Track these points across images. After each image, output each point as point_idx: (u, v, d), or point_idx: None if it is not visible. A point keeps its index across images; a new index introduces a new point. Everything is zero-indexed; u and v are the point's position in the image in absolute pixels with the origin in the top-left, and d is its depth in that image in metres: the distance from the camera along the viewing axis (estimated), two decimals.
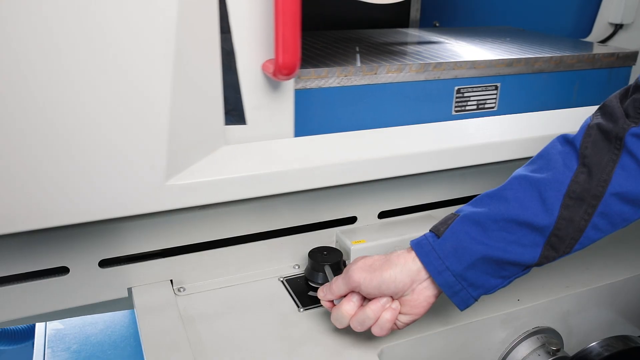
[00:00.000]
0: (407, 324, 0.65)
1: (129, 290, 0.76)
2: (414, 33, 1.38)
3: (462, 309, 0.63)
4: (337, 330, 0.70)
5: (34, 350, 1.01)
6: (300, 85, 0.84)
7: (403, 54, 1.02)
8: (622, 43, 1.65)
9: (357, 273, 0.63)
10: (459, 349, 0.76)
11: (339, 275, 0.66)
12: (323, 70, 0.86)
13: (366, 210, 0.87)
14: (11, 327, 1.28)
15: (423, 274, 0.62)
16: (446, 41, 1.16)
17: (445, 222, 0.63)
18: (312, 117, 0.87)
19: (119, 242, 0.73)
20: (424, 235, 0.64)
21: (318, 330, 0.71)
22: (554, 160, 0.61)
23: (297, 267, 0.85)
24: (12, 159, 0.57)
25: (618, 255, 0.91)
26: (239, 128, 0.75)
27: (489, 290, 0.62)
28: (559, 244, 0.60)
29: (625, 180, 0.58)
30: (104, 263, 0.74)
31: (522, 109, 1.01)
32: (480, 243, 0.60)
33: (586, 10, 1.60)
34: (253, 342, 0.69)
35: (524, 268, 0.61)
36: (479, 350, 0.77)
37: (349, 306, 0.64)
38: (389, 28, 1.47)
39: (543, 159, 0.63)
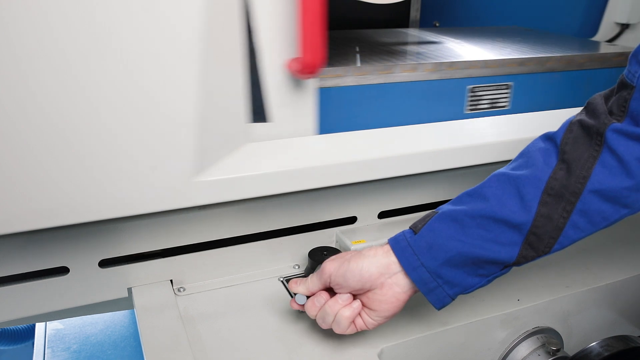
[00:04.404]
0: (377, 324, 0.64)
1: (129, 290, 0.76)
2: (414, 33, 1.38)
3: (438, 308, 0.63)
4: None
5: (34, 350, 1.00)
6: (318, 84, 0.84)
7: (404, 53, 1.02)
8: (628, 43, 1.64)
9: (329, 263, 0.64)
10: (459, 349, 0.76)
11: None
12: (339, 69, 0.86)
13: (366, 210, 0.88)
14: (11, 327, 1.28)
15: (394, 267, 0.62)
16: (451, 40, 1.16)
17: (424, 220, 0.62)
18: (329, 116, 0.87)
19: (119, 242, 0.73)
20: (402, 232, 0.63)
21: (318, 330, 0.71)
22: (534, 157, 0.61)
23: (297, 267, 0.85)
24: (13, 159, 0.57)
25: (618, 255, 0.91)
26: (263, 126, 0.76)
27: (467, 289, 0.61)
28: (537, 242, 0.59)
29: (605, 177, 0.57)
30: (104, 263, 0.74)
31: (534, 108, 1.02)
32: (457, 240, 0.59)
33: (593, 10, 1.60)
34: (253, 342, 0.69)
35: (503, 267, 0.61)
36: (479, 350, 0.77)
37: (313, 302, 0.65)
38: (389, 28, 1.47)
39: (524, 156, 0.62)
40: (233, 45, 0.68)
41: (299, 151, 0.75)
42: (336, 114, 0.87)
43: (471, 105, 0.97)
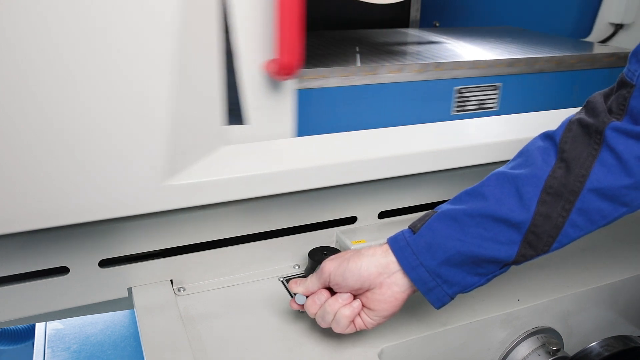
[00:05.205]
0: (375, 324, 0.64)
1: (129, 290, 0.76)
2: (413, 33, 1.38)
3: (437, 307, 0.62)
4: None
5: (34, 350, 1.00)
6: (301, 85, 0.84)
7: (404, 53, 1.02)
8: (622, 43, 1.64)
9: (328, 263, 0.64)
10: (459, 349, 0.76)
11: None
12: (324, 70, 0.85)
13: (366, 210, 0.88)
14: (11, 327, 1.28)
15: (392, 266, 0.61)
16: (446, 41, 1.16)
17: (423, 219, 0.63)
18: (312, 117, 0.86)
19: (119, 242, 0.73)
20: (401, 231, 0.63)
21: (318, 330, 0.71)
22: (533, 156, 0.61)
23: (297, 267, 0.85)
24: (10, 159, 0.57)
25: (618, 255, 0.91)
26: (240, 128, 0.75)
27: (466, 288, 0.61)
28: (536, 241, 0.59)
29: (604, 176, 0.56)
30: (104, 263, 0.74)
31: (523, 109, 1.01)
32: (456, 239, 0.59)
33: (587, 10, 1.60)
34: (253, 342, 0.69)
35: (502, 266, 0.60)
36: (479, 350, 0.77)
37: (314, 300, 0.65)
38: (389, 28, 1.47)
39: (523, 155, 0.62)
40: (209, 45, 0.67)
41: (274, 154, 0.74)
42: (320, 116, 0.86)
43: (458, 106, 0.96)
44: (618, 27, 1.62)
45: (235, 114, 0.75)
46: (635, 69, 0.57)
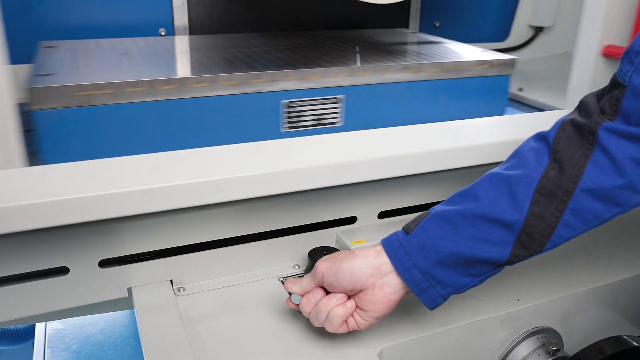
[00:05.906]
0: (368, 325, 0.64)
1: (129, 290, 0.76)
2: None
3: (431, 308, 0.63)
4: None
5: (34, 350, 1.01)
6: (76, 102, 0.74)
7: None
8: (544, 46, 1.61)
9: (321, 263, 0.64)
10: (459, 349, 0.76)
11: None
12: (109, 85, 0.75)
13: (366, 210, 0.87)
14: (11, 327, 1.28)
15: (385, 268, 0.62)
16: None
17: (416, 220, 0.63)
18: (103, 138, 0.76)
19: (119, 242, 0.73)
20: (395, 232, 0.64)
21: (318, 331, 0.70)
22: (526, 157, 0.61)
23: (297, 267, 0.85)
24: None
25: (618, 255, 0.91)
26: None
27: (459, 289, 0.61)
28: (529, 241, 0.59)
29: (596, 176, 0.57)
30: (104, 263, 0.74)
31: (375, 124, 0.90)
32: (449, 240, 0.59)
33: (503, 14, 1.53)
34: (253, 342, 0.69)
35: (495, 266, 0.61)
36: (479, 350, 0.77)
37: (308, 299, 0.65)
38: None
39: (516, 157, 0.63)
40: None
41: None
42: (110, 137, 0.75)
43: (290, 122, 0.87)
44: (538, 30, 1.59)
45: None
46: (627, 70, 0.57)
